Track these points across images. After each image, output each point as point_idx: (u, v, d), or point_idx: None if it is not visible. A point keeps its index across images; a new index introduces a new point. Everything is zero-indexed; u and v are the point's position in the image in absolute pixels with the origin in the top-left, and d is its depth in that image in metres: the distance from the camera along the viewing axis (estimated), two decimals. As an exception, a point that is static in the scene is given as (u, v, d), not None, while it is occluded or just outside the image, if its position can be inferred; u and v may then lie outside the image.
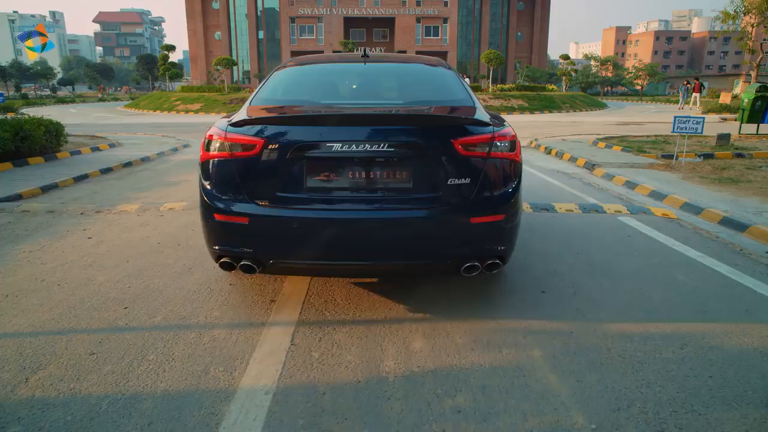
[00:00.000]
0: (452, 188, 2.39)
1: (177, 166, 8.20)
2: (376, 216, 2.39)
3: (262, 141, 2.36)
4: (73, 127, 16.12)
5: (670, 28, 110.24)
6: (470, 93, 3.00)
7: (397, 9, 37.71)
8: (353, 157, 2.34)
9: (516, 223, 2.66)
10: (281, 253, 2.46)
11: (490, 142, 2.43)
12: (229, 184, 2.43)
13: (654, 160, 8.04)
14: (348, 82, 3.38)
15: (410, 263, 2.54)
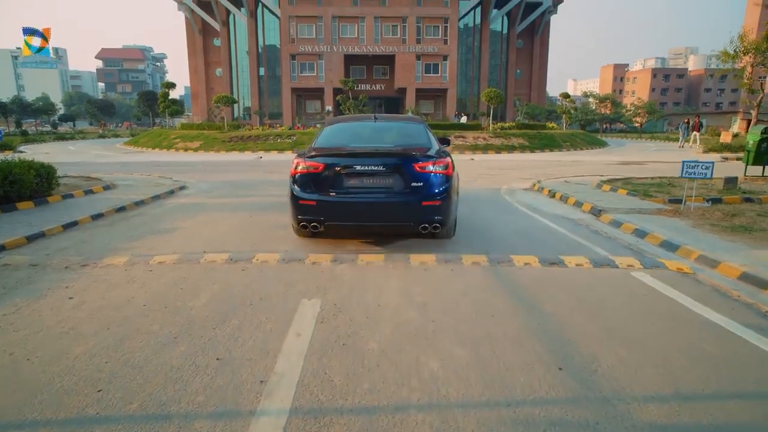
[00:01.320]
0: (413, 187, 4.87)
1: (172, 210, 7.99)
2: (377, 200, 4.90)
3: (322, 165, 4.93)
4: (70, 166, 16.10)
5: (666, 66, 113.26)
6: (430, 138, 5.71)
7: (397, 47, 38.61)
8: (366, 172, 4.89)
9: (447, 205, 4.95)
10: (331, 219, 4.94)
11: (433, 165, 4.92)
12: (305, 185, 4.97)
13: (661, 206, 7.87)
14: (363, 133, 6.04)
15: (392, 224, 5.07)
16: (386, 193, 4.92)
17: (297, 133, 24.01)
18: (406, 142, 5.66)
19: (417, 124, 6.14)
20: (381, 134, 6.00)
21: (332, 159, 4.97)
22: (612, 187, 9.84)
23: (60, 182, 9.64)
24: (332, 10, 37.61)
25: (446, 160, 5.02)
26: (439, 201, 4.89)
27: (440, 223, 4.93)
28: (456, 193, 5.42)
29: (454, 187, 5.23)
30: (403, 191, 4.89)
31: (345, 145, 5.45)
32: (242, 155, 20.72)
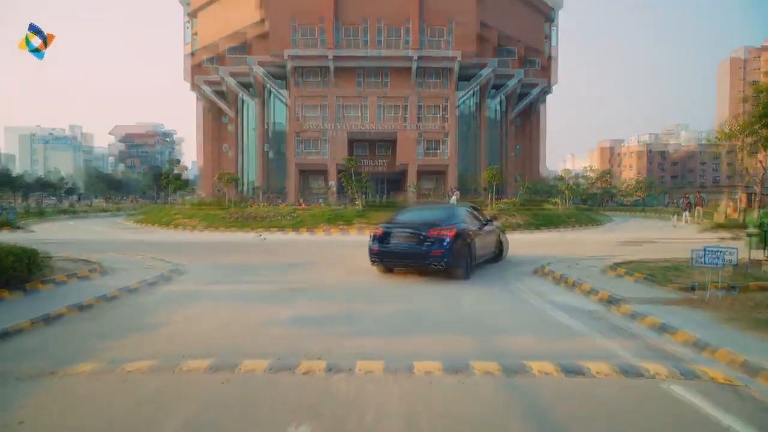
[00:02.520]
0: (427, 243, 8.72)
1: (161, 300, 7.54)
2: (407, 249, 8.98)
3: (382, 230, 9.31)
4: (63, 244, 15.70)
5: (659, 141, 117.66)
6: (451, 216, 9.73)
7: (398, 126, 40.16)
8: (402, 233, 9.12)
9: (449, 254, 8.62)
10: (384, 258, 9.28)
11: (438, 232, 8.78)
12: (374, 239, 9.26)
13: (679, 294, 7.40)
14: (415, 214, 10.70)
15: (414, 263, 9.11)
16: (413, 245, 8.97)
17: (299, 211, 24.10)
18: (433, 218, 9.56)
19: (447, 209, 11.08)
20: (424, 213, 10.70)
21: (388, 227, 9.43)
22: (626, 271, 9.40)
23: (46, 264, 9.24)
24: (337, 92, 39.72)
25: (449, 229, 8.92)
26: (441, 251, 8.66)
27: (443, 265, 8.77)
28: (481, 248, 9.92)
29: (458, 243, 8.92)
30: (421, 245, 8.84)
31: (399, 220, 9.92)
32: (244, 234, 20.58)
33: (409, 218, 9.89)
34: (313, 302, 7.36)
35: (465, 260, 9.07)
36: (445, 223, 9.07)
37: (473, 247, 9.39)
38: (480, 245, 9.81)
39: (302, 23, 38.21)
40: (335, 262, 11.74)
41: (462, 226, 9.28)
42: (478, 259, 9.85)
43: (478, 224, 10.25)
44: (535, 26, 47.30)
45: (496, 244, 11.14)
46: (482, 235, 10.18)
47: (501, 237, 11.45)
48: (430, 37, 38.67)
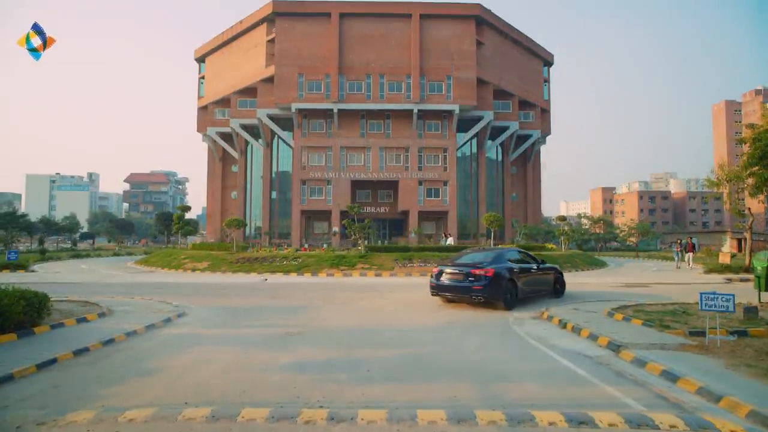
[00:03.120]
0: (470, 279, 10.69)
1: (164, 344, 7.54)
2: (456, 284, 10.97)
3: (438, 269, 11.62)
4: (74, 286, 15.96)
5: (649, 188, 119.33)
6: (496, 258, 11.45)
7: (400, 173, 41.06)
8: (453, 272, 11.15)
9: (488, 289, 10.54)
10: (439, 291, 11.35)
11: (478, 269, 10.74)
12: (433, 277, 11.50)
13: (683, 339, 7.33)
14: (469, 256, 12.20)
15: (461, 295, 11.06)
16: (460, 281, 10.94)
17: (303, 255, 24.18)
18: (479, 260, 11.34)
19: (495, 252, 12.22)
20: (475, 256, 12.00)
21: (443, 267, 11.62)
22: (625, 316, 9.34)
23: (55, 308, 9.35)
24: (341, 141, 40.94)
25: (489, 269, 10.70)
26: (481, 286, 10.55)
27: (483, 297, 10.68)
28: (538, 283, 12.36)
29: (497, 281, 10.69)
30: (465, 281, 10.81)
31: (453, 261, 11.96)
32: (248, 276, 20.60)
33: (462, 260, 11.83)
34: (315, 347, 7.33)
35: (505, 294, 10.90)
36: (486, 264, 10.95)
37: (517, 283, 11.22)
38: (527, 282, 11.76)
39: (309, 78, 40.03)
40: (338, 305, 11.71)
41: (502, 266, 11.07)
42: (527, 294, 11.80)
43: (527, 265, 12.10)
44: (531, 77, 49.30)
45: (552, 282, 12.95)
46: (532, 274, 12.07)
47: (559, 276, 13.16)
48: (429, 91, 40.31)
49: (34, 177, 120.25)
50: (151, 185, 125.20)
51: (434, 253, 23.47)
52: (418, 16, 39.96)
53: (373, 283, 17.47)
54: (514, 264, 11.52)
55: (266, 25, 42.25)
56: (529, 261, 12.37)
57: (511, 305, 10.90)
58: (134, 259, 33.58)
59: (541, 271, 12.42)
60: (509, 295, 10.91)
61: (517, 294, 11.17)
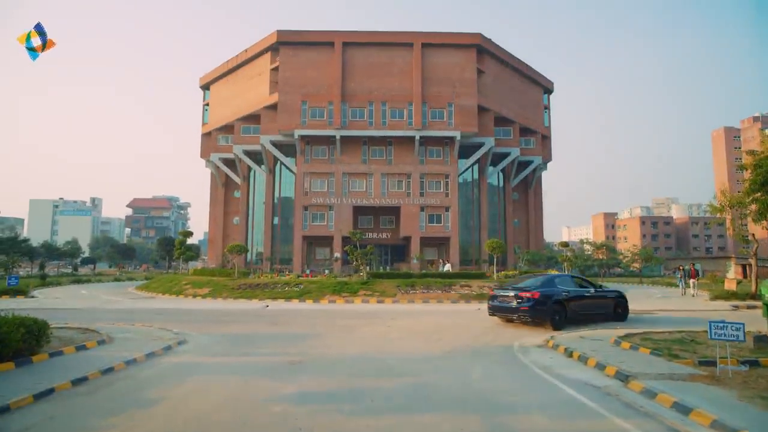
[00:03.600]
0: (519, 301, 12.04)
1: (164, 373, 7.42)
2: (508, 306, 12.37)
3: (492, 292, 13.51)
4: (74, 312, 15.84)
5: (651, 214, 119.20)
6: (550, 284, 12.65)
7: (402, 199, 41.21)
8: (504, 295, 12.64)
9: (534, 309, 11.82)
10: (494, 312, 13.06)
11: (524, 292, 12.04)
12: (489, 298, 13.41)
13: (693, 369, 7.18)
14: (522, 281, 13.71)
15: (510, 315, 12.52)
16: (510, 303, 12.23)
17: (304, 281, 24.04)
18: (529, 284, 12.58)
19: (546, 278, 13.43)
20: (527, 281, 13.18)
21: (497, 290, 13.22)
22: (632, 345, 9.19)
23: (55, 335, 9.25)
24: (343, 167, 41.28)
25: (536, 291, 11.94)
26: (527, 308, 11.79)
27: (528, 317, 11.98)
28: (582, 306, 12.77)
29: (543, 302, 11.82)
30: (514, 302, 12.07)
31: (507, 285, 13.69)
32: (249, 303, 20.43)
33: (514, 284, 13.25)
34: (318, 376, 7.20)
35: (553, 315, 11.92)
36: (533, 288, 12.16)
37: (567, 306, 12.18)
38: (580, 306, 12.69)
39: (312, 105, 40.75)
40: (340, 333, 11.56)
41: (549, 290, 12.18)
42: (579, 317, 12.59)
43: (580, 289, 13.10)
44: (531, 104, 50.06)
45: (612, 306, 13.52)
46: (585, 298, 12.93)
47: (620, 301, 13.71)
48: (431, 118, 40.93)
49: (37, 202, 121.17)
50: (153, 210, 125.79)
51: (437, 280, 23.32)
52: (420, 45, 40.94)
53: (375, 310, 17.29)
54: (563, 288, 12.57)
55: (270, 53, 43.29)
56: (585, 285, 13.51)
57: (560, 326, 11.86)
58: (135, 285, 33.41)
59: (597, 296, 13.30)
60: (557, 317, 11.95)
61: (566, 316, 12.15)
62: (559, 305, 12.05)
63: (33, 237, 68.03)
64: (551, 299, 11.97)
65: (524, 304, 11.83)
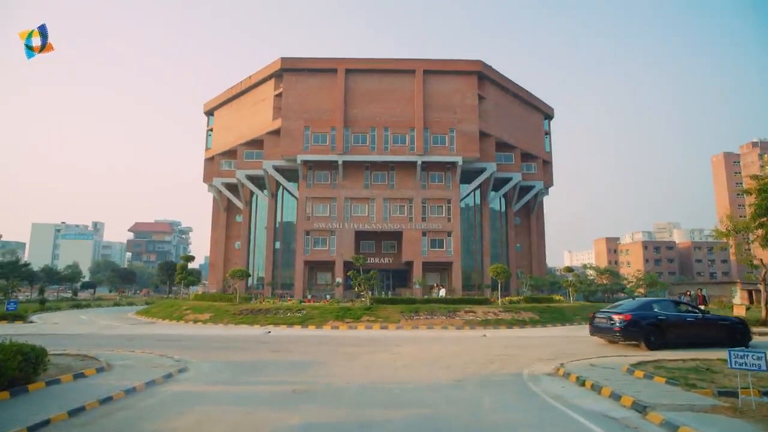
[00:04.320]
0: (612, 322, 13.27)
1: (165, 403, 7.17)
2: (606, 326, 13.59)
3: (593, 314, 14.66)
4: (72, 338, 15.57)
5: (653, 239, 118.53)
6: (646, 307, 13.45)
7: (404, 224, 41.15)
8: (602, 316, 13.91)
9: (627, 330, 12.78)
10: (593, 333, 14.23)
11: (616, 315, 13.22)
12: (590, 320, 14.46)
13: (713, 400, 6.93)
14: (616, 305, 15.11)
15: (611, 335, 13.52)
16: (606, 324, 13.33)
17: (307, 307, 23.70)
18: (625, 308, 13.56)
19: (642, 302, 14.02)
20: (623, 304, 14.29)
21: (596, 312, 14.38)
22: (646, 373, 8.92)
23: (52, 362, 9.02)
24: (345, 192, 41.42)
25: (627, 315, 12.81)
26: (619, 328, 12.70)
27: (621, 338, 12.95)
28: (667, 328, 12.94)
29: (635, 324, 12.63)
30: (609, 323, 13.21)
31: (604, 309, 14.58)
32: (251, 329, 20.09)
33: (611, 308, 14.30)
34: (324, 407, 6.95)
35: (647, 336, 12.63)
36: (627, 311, 13.13)
37: (664, 329, 12.80)
38: (681, 329, 13.13)
39: (315, 131, 41.25)
40: (345, 360, 11.28)
41: (644, 313, 12.98)
42: (680, 340, 12.88)
43: (682, 314, 13.61)
44: (532, 129, 50.60)
45: (724, 333, 13.31)
46: (688, 322, 13.29)
47: (739, 328, 13.57)
48: (432, 144, 41.32)
49: (39, 226, 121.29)
50: (155, 234, 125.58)
51: (441, 306, 23.00)
52: (422, 72, 41.70)
53: (379, 337, 16.97)
54: (661, 312, 13.23)
55: (274, 80, 44.09)
56: (691, 311, 14.08)
57: (655, 347, 12.42)
58: (135, 310, 33.00)
59: (704, 321, 13.54)
60: (652, 338, 12.63)
61: (665, 338, 12.72)
62: (655, 328, 12.73)
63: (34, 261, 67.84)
64: (644, 321, 12.76)
65: (617, 325, 12.83)
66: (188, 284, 35.25)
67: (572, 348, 13.69)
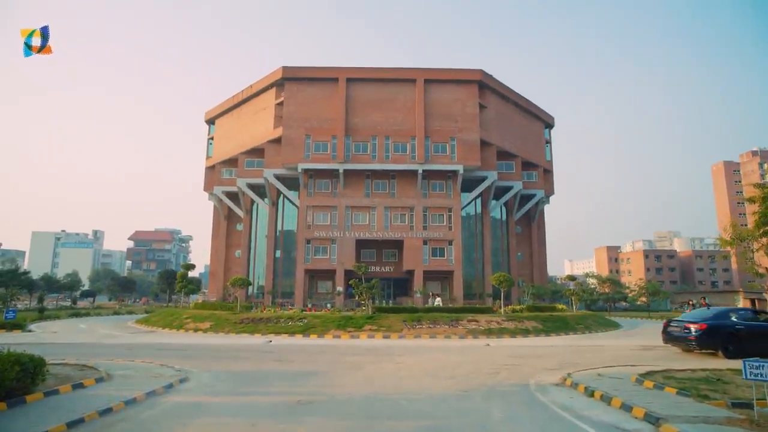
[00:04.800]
0: (687, 331, 13.21)
1: (165, 414, 7.01)
2: (685, 335, 13.31)
3: (666, 323, 14.63)
4: (71, 348, 15.37)
5: (653, 247, 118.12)
6: (721, 316, 13.26)
7: (405, 233, 41.01)
8: (678, 324, 13.82)
9: (699, 338, 12.72)
10: (666, 341, 14.29)
11: (691, 324, 13.19)
12: (663, 329, 14.43)
13: (728, 412, 6.77)
14: (691, 314, 15.29)
15: (682, 344, 13.76)
16: (680, 332, 13.27)
17: (308, 315, 23.50)
18: (699, 316, 13.42)
19: (716, 311, 14.05)
20: (697, 313, 14.31)
21: (669, 321, 14.39)
22: (656, 384, 8.76)
23: (51, 372, 8.86)
24: (346, 201, 41.33)
25: (703, 323, 12.73)
26: (694, 337, 12.66)
27: (695, 346, 12.92)
28: None
29: (709, 333, 12.50)
30: (683, 332, 13.08)
31: (679, 318, 14.40)
32: (252, 338, 19.89)
33: (685, 317, 14.35)
34: (329, 418, 6.79)
35: (725, 345, 12.54)
36: (702, 320, 13.05)
37: (742, 338, 12.59)
38: (759, 338, 12.66)
39: (316, 139, 41.28)
40: (348, 370, 11.10)
41: (720, 322, 12.88)
42: (756, 348, 11.90)
43: (762, 323, 13.29)
44: (532, 138, 50.69)
45: None
46: None
47: None
48: (433, 152, 41.34)
49: (39, 234, 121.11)
50: (155, 243, 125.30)
51: (443, 315, 22.81)
52: (423, 81, 41.85)
53: (382, 346, 16.78)
54: (739, 321, 13.04)
55: (275, 89, 44.23)
56: None
57: (732, 356, 12.10)
58: (135, 319, 32.75)
59: None
60: (730, 347, 12.49)
61: (742, 347, 12.30)
62: (732, 336, 12.60)
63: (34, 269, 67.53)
64: (721, 330, 12.70)
65: (691, 334, 12.84)
66: (188, 293, 35.03)
67: (577, 357, 13.54)
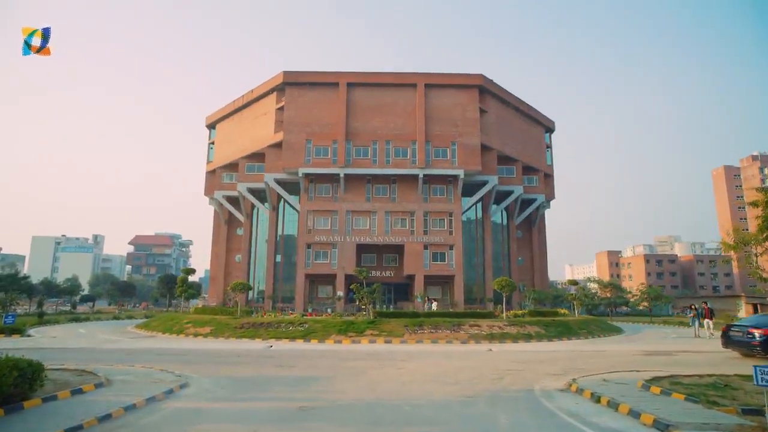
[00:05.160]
0: (750, 336, 13.30)
1: (165, 420, 6.89)
2: (739, 339, 13.78)
3: (725, 327, 14.70)
4: (71, 352, 15.22)
5: (654, 252, 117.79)
6: None
7: (406, 237, 40.91)
8: (737, 330, 14.01)
9: (762, 344, 12.74)
10: (726, 345, 14.33)
11: (753, 329, 13.35)
12: (722, 334, 14.44)
13: (738, 419, 6.66)
14: (750, 319, 16.02)
15: (744, 349, 13.76)
16: (742, 337, 13.29)
17: (309, 320, 23.34)
18: (762, 321, 13.48)
19: None
20: (758, 318, 14.69)
21: (729, 326, 14.30)
22: (663, 389, 8.64)
23: (50, 377, 8.73)
24: (347, 205, 41.28)
25: (765, 328, 12.74)
26: (758, 342, 12.66)
27: (759, 351, 12.61)
28: None
29: None
30: (746, 337, 13.14)
31: (738, 323, 14.31)
32: (252, 343, 19.73)
33: (744, 321, 14.57)
34: (332, 425, 6.67)
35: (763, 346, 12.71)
36: (765, 325, 13.12)
37: None
38: None
39: (316, 144, 41.28)
40: (350, 376, 10.97)
41: None
42: None
43: None
44: (533, 143, 50.69)
45: None
46: None
47: None
48: (434, 157, 41.34)
49: (39, 239, 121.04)
50: (155, 248, 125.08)
51: (445, 319, 22.65)
52: (423, 85, 41.90)
53: (384, 351, 16.63)
54: None
55: (276, 93, 44.29)
56: None
57: None
58: (135, 323, 32.55)
59: None
60: None
61: None
62: None
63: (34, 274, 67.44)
64: None
65: (756, 339, 12.94)
66: (188, 297, 34.87)
67: (581, 363, 13.41)
